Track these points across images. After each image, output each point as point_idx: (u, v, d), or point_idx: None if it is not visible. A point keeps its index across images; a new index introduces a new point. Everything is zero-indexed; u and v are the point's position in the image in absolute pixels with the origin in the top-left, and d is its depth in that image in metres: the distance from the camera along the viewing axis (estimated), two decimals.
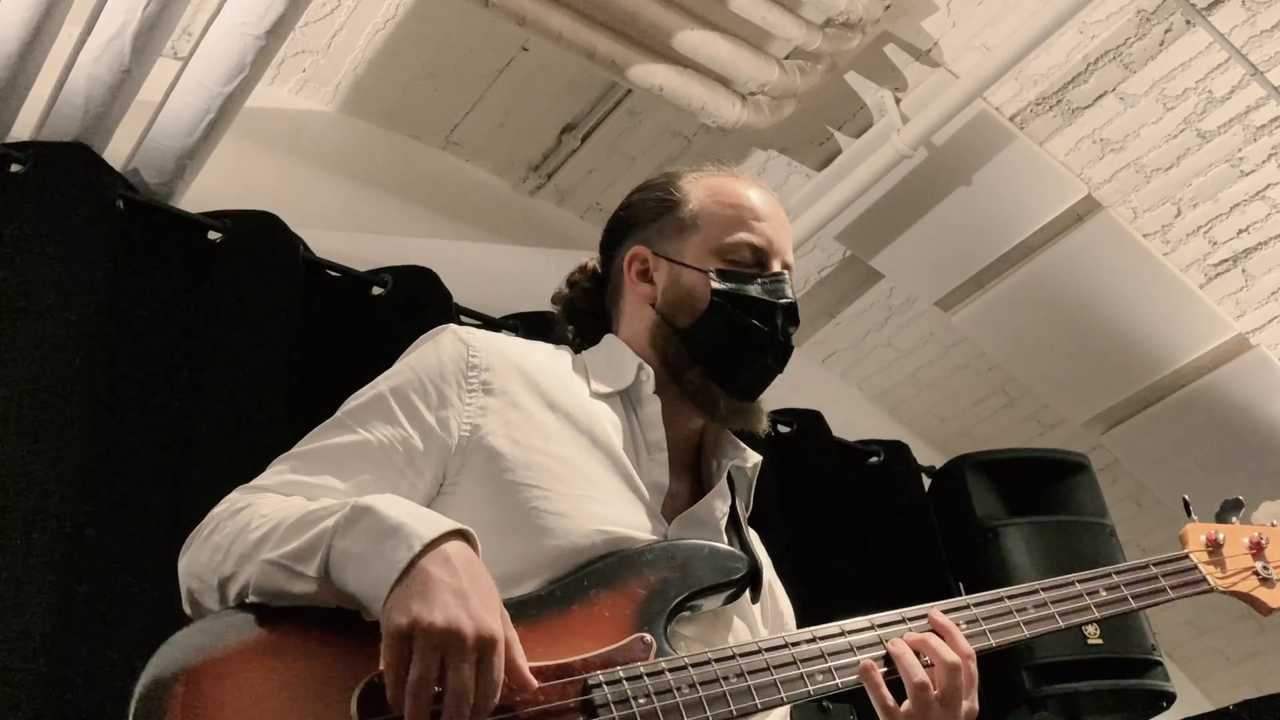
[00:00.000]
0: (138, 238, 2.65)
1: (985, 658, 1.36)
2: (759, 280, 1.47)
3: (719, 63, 3.32)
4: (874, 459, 3.80)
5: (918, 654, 1.31)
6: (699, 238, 1.49)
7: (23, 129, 2.68)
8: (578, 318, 1.61)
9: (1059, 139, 3.70)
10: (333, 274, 2.96)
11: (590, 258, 1.65)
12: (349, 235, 3.30)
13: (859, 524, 3.53)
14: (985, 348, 4.28)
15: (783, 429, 3.63)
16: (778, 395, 1.52)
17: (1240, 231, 3.82)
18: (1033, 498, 3.52)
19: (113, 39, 2.53)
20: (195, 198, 2.86)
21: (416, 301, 2.96)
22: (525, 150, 3.85)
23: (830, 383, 4.50)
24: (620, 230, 1.57)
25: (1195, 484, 4.09)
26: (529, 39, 3.44)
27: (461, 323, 3.04)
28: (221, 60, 2.64)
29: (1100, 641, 3.15)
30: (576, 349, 1.57)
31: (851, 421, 3.97)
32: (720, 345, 1.45)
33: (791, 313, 1.48)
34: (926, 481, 3.81)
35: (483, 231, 3.76)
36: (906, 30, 3.54)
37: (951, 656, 1.30)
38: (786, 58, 3.45)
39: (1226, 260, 3.90)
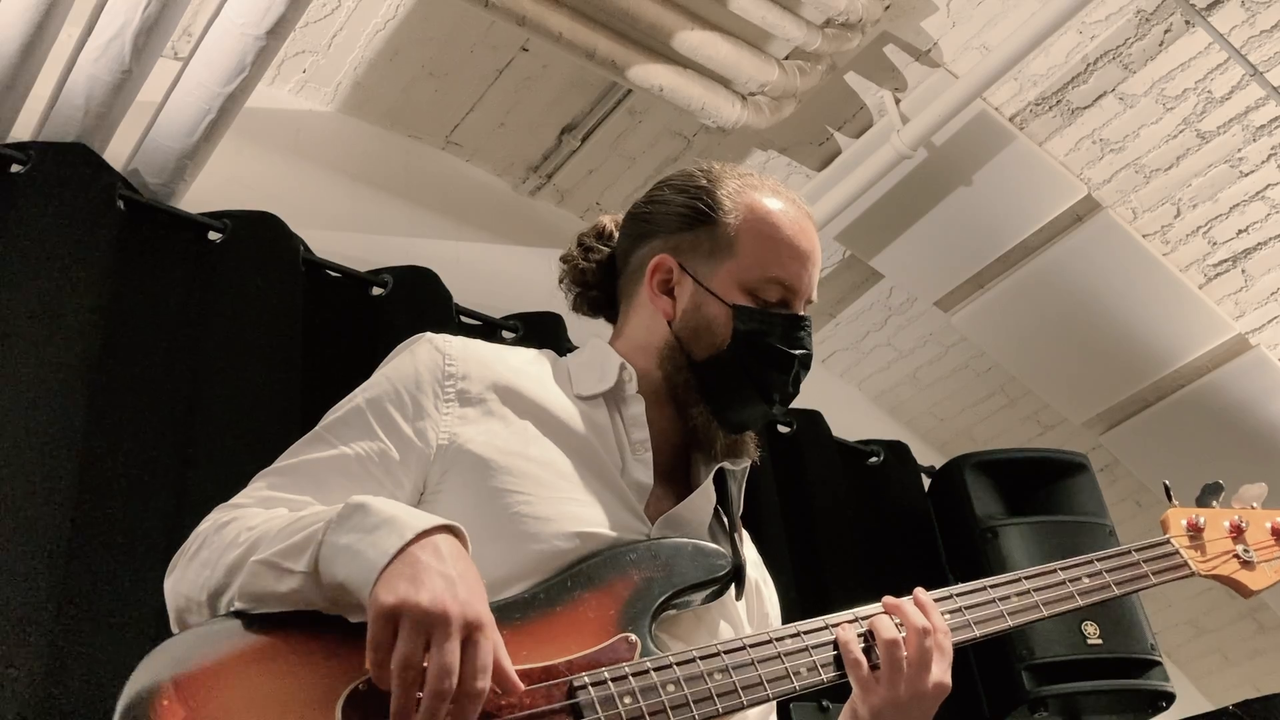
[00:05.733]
0: (138, 238, 2.65)
1: (986, 657, 1.37)
2: (781, 326, 1.41)
3: (719, 63, 3.32)
4: (874, 459, 3.80)
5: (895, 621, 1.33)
6: (730, 265, 1.42)
7: (23, 129, 2.68)
8: (584, 289, 1.56)
9: (1059, 139, 3.70)
10: (333, 274, 2.96)
11: (608, 217, 1.59)
12: (349, 235, 3.30)
13: (859, 524, 3.53)
14: (985, 348, 4.28)
15: (783, 429, 3.63)
16: None
17: (1240, 232, 3.82)
18: (1032, 498, 3.52)
19: (113, 39, 2.53)
20: (195, 198, 2.86)
21: (416, 301, 2.96)
22: (525, 150, 3.85)
23: (830, 383, 4.50)
24: (647, 226, 1.50)
25: (1195, 484, 4.10)
26: (529, 39, 3.44)
27: (461, 323, 3.06)
28: (221, 60, 2.64)
29: (1100, 641, 3.15)
30: (575, 308, 1.56)
31: (851, 421, 3.97)
32: (730, 388, 1.42)
33: (805, 363, 1.43)
34: (926, 481, 3.81)
35: (483, 231, 3.76)
36: (906, 30, 3.54)
37: (921, 621, 1.32)
38: (786, 58, 3.46)
39: (1226, 260, 3.90)
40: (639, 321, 1.48)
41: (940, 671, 1.31)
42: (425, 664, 1.05)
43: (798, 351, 1.42)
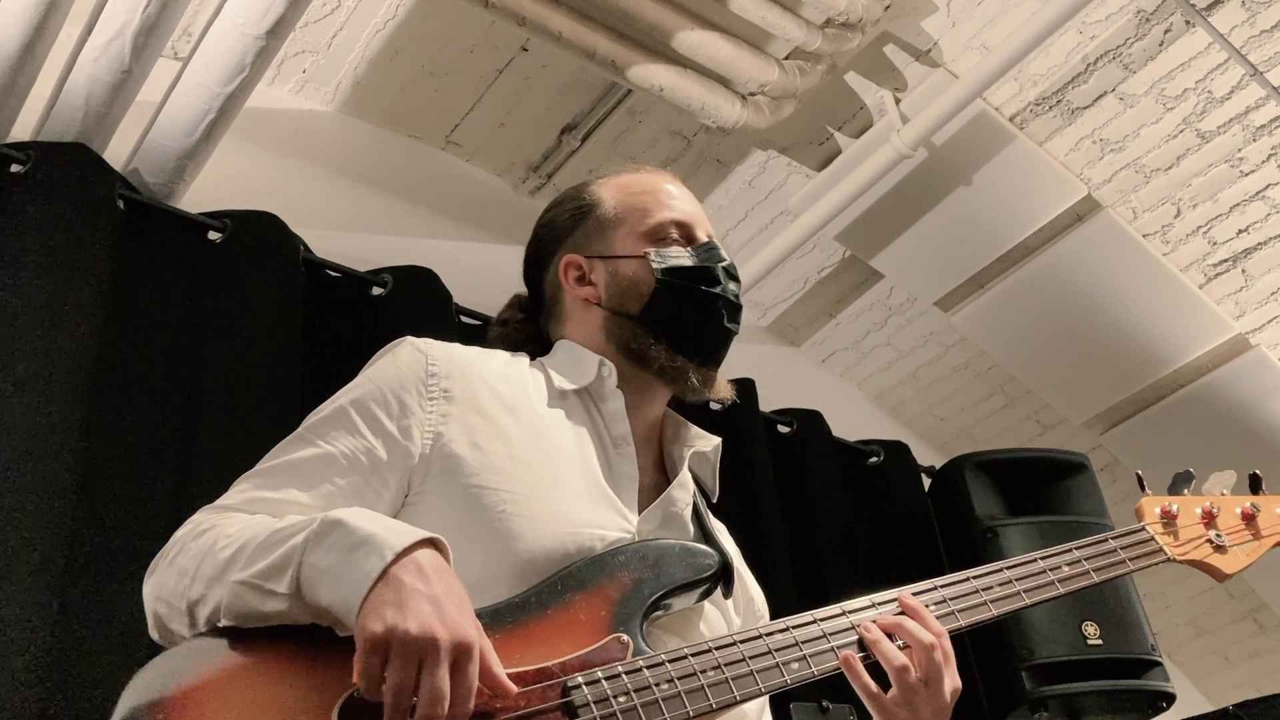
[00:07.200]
0: (138, 238, 2.65)
1: (986, 658, 1.37)
2: (692, 250, 1.52)
3: (719, 63, 3.32)
4: (874, 459, 3.80)
5: (891, 638, 1.33)
6: (624, 229, 1.54)
7: (23, 129, 2.68)
8: (519, 345, 1.61)
9: (1059, 139, 3.71)
10: (333, 274, 2.96)
11: (516, 292, 1.69)
12: (349, 235, 3.30)
13: (859, 524, 3.53)
14: (985, 348, 4.28)
15: (783, 429, 3.63)
16: (778, 395, 1.52)
17: (1240, 231, 3.82)
18: (1032, 498, 3.52)
19: (113, 39, 2.54)
20: (195, 198, 2.86)
21: (416, 301, 2.96)
22: (525, 150, 3.86)
23: (830, 383, 4.50)
24: (544, 249, 1.61)
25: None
26: (529, 39, 3.44)
27: (461, 323, 3.06)
28: (221, 60, 2.64)
29: (1100, 642, 3.15)
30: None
31: (851, 421, 3.97)
32: (676, 317, 1.48)
33: (732, 273, 1.54)
34: (926, 481, 3.81)
35: (483, 231, 3.76)
36: (906, 30, 3.54)
37: (926, 636, 1.32)
38: (786, 58, 3.46)
39: (1226, 260, 3.90)
40: (575, 321, 1.54)
41: (951, 678, 1.33)
42: (414, 688, 1.06)
43: (719, 264, 1.52)
